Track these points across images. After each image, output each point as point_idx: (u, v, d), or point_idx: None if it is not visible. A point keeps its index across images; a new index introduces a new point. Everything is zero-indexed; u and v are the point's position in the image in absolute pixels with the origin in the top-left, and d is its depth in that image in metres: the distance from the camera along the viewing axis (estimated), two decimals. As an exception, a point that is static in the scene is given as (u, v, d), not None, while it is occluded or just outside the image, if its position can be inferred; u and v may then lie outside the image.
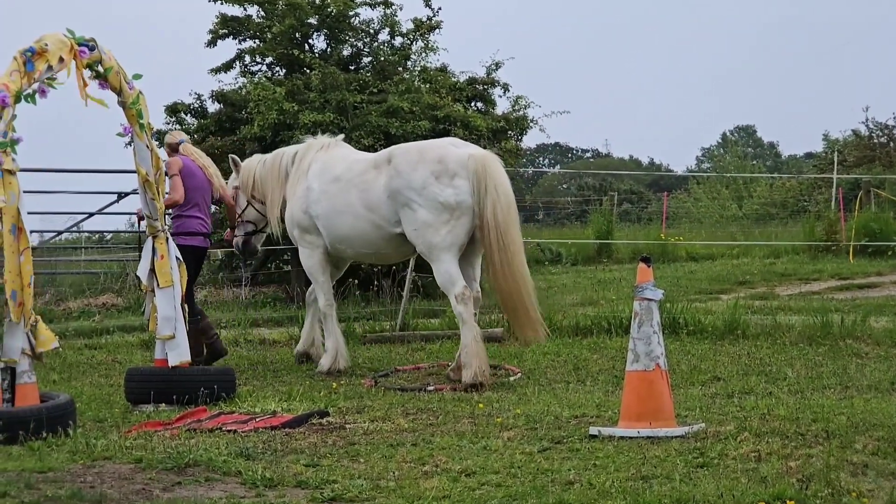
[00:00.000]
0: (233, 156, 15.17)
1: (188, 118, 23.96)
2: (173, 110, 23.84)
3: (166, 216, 12.79)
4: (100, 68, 10.80)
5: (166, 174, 13.31)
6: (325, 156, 14.01)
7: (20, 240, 9.82)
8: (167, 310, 11.52)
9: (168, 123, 23.91)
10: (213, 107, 23.74)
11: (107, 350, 16.43)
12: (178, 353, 11.51)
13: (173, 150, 14.17)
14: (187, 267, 12.51)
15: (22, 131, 9.97)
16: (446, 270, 12.68)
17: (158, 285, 11.59)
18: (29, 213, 10.12)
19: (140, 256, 12.34)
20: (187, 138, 14.73)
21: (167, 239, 11.73)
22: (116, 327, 18.63)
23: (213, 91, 23.56)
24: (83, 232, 29.24)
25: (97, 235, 31.21)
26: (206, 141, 22.30)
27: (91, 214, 26.09)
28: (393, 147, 13.86)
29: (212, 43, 24.22)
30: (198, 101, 23.89)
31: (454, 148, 13.07)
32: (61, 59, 10.27)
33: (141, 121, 11.27)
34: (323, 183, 13.71)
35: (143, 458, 8.56)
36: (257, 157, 14.98)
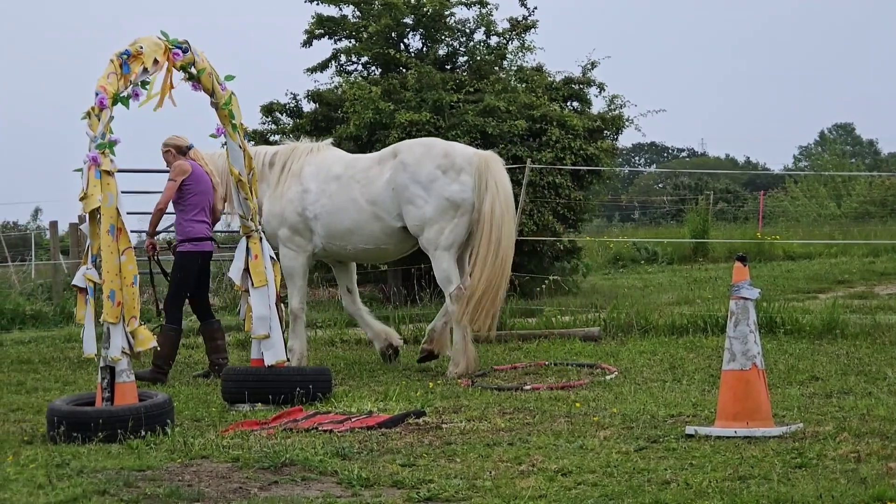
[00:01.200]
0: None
1: (284, 118, 24.08)
2: (269, 110, 23.97)
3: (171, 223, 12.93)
4: (193, 70, 10.88)
5: (168, 180, 13.67)
6: (317, 158, 14.12)
7: (120, 240, 9.89)
8: (262, 309, 11.55)
9: (264, 123, 24.09)
10: (308, 106, 23.83)
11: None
12: (274, 353, 11.55)
13: (180, 152, 13.90)
14: (197, 273, 13.81)
15: (120, 132, 10.07)
16: (445, 269, 13.28)
17: (253, 285, 11.62)
18: (130, 213, 10.21)
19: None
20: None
21: (261, 238, 11.76)
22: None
23: (308, 91, 23.67)
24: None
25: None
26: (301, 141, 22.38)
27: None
28: (398, 143, 14.18)
29: (307, 43, 24.33)
30: (293, 101, 24.00)
31: (460, 145, 13.78)
32: (156, 62, 10.36)
33: (233, 121, 11.34)
34: (321, 183, 13.87)
35: (239, 456, 8.59)
36: (218, 152, 14.71)
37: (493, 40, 24.13)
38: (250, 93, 12.75)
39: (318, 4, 24.04)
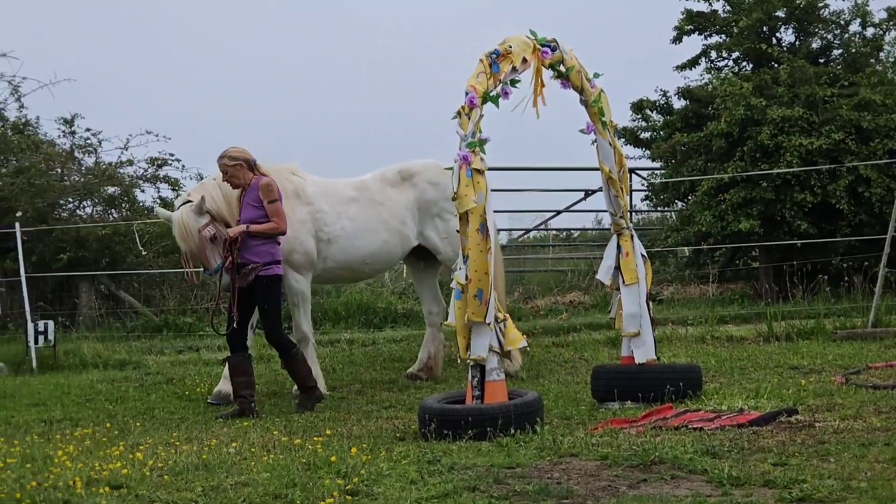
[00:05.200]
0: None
1: (654, 115, 24.02)
2: (639, 107, 23.98)
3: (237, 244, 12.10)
4: (561, 68, 10.95)
5: (270, 201, 12.11)
6: (312, 180, 13.78)
7: (487, 239, 10.02)
8: (632, 307, 11.50)
9: (634, 120, 24.11)
10: (678, 103, 23.67)
11: (574, 347, 16.60)
12: (645, 351, 11.49)
13: (251, 168, 12.33)
14: (276, 298, 12.34)
15: (489, 130, 10.21)
16: None
17: (624, 283, 11.59)
18: (498, 211, 10.32)
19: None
20: None
21: (632, 236, 11.71)
22: (583, 325, 18.75)
23: (678, 87, 23.52)
24: (550, 230, 29.75)
25: (564, 233, 31.68)
26: (672, 138, 22.27)
27: (558, 212, 26.57)
28: (395, 167, 14.31)
29: (677, 39, 24.18)
30: (663, 98, 23.91)
31: None
32: (524, 60, 10.47)
33: (603, 118, 11.33)
34: (335, 205, 13.65)
35: (608, 454, 8.55)
36: (209, 179, 13.30)
37: (869, 31, 23.35)
38: (619, 90, 12.59)
39: (687, 0, 23.91)
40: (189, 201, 12.54)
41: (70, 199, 24.74)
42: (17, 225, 19.90)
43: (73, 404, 13.71)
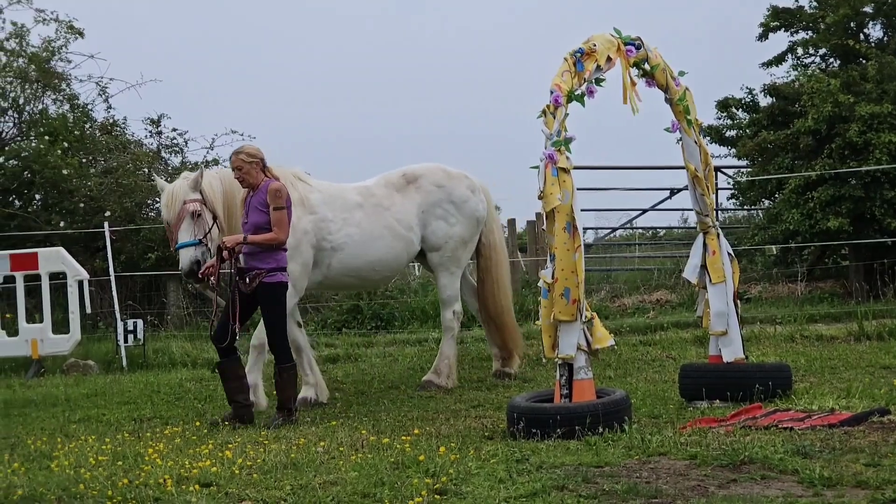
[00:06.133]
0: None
1: (739, 113, 23.84)
2: (724, 105, 23.83)
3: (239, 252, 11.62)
4: (646, 66, 10.92)
5: (276, 207, 11.55)
6: (316, 186, 13.41)
7: (574, 237, 10.01)
8: (720, 306, 11.43)
9: (719, 118, 23.96)
10: (765, 101, 23.48)
11: (661, 346, 16.53)
12: (732, 350, 11.41)
13: (263, 168, 11.83)
14: (281, 305, 11.76)
15: (575, 129, 10.19)
16: (455, 287, 14.10)
17: (710, 281, 11.52)
18: (584, 210, 10.31)
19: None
20: None
21: (718, 234, 11.63)
22: (670, 323, 18.67)
23: (764, 85, 23.29)
24: (637, 228, 29.65)
25: (650, 232, 31.59)
26: (758, 136, 22.10)
27: (644, 211, 26.47)
28: (398, 171, 14.13)
29: (763, 36, 24.04)
30: (749, 96, 23.71)
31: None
32: (609, 59, 10.44)
33: (688, 117, 11.28)
34: (340, 212, 13.33)
35: (697, 454, 8.51)
36: (215, 170, 13.15)
37: (960, 26, 23.06)
38: (704, 88, 12.51)
39: (773, -3, 23.76)
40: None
41: (157, 199, 25.02)
42: (106, 225, 20.19)
43: (163, 403, 13.89)
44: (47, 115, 26.75)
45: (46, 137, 24.76)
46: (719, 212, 25.00)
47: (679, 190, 25.18)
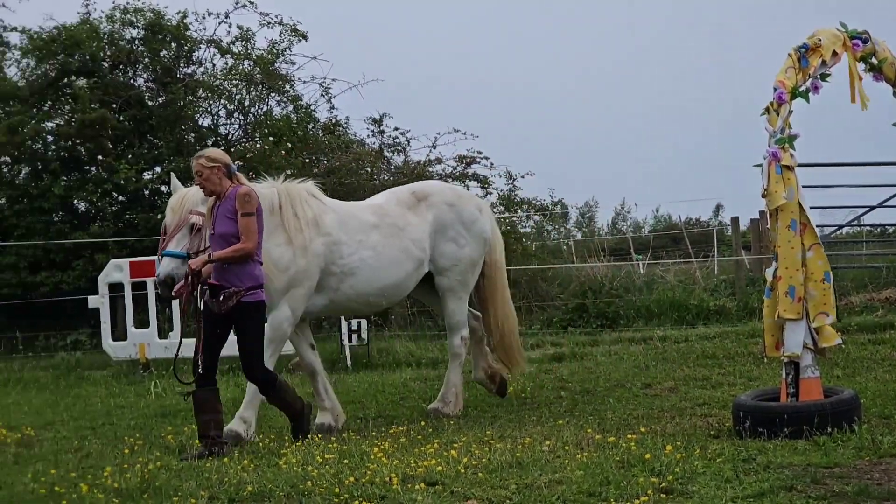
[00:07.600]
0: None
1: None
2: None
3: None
4: (874, 60, 10.71)
5: (244, 213, 10.72)
6: (334, 205, 12.74)
7: (805, 235, 9.89)
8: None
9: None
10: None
11: (891, 345, 16.15)
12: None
13: (229, 175, 10.99)
14: (259, 327, 10.93)
15: (800, 126, 10.07)
16: (462, 311, 13.40)
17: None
18: (811, 207, 10.17)
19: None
20: None
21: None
22: (902, 322, 18.26)
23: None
24: (864, 225, 29.01)
25: (878, 229, 30.86)
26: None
27: (872, 208, 25.88)
28: (406, 188, 13.55)
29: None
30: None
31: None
32: (835, 54, 10.28)
33: (917, 111, 11.04)
34: (354, 233, 12.52)
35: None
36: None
37: None
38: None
39: None
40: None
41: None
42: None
43: (388, 402, 14.11)
44: (271, 116, 27.39)
45: (271, 138, 25.37)
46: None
47: (910, 186, 24.58)
